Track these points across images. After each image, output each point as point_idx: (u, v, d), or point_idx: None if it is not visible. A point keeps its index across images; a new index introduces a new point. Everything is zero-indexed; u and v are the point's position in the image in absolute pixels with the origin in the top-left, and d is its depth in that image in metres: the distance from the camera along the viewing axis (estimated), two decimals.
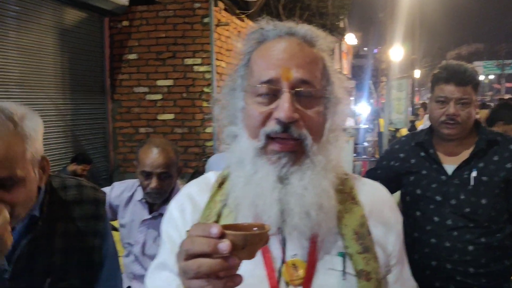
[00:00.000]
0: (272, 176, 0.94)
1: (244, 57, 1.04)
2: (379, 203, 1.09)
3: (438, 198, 2.10)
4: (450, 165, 2.12)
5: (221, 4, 7.21)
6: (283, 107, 0.92)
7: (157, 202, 2.37)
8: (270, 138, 0.95)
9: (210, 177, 1.15)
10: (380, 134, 9.71)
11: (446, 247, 2.05)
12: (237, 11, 8.24)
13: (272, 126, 0.94)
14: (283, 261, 0.98)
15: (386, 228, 1.06)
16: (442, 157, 2.15)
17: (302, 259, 0.98)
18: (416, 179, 2.19)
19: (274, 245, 0.98)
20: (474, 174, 2.04)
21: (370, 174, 2.44)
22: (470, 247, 2.02)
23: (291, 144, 0.94)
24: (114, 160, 7.38)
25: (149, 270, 1.08)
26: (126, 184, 2.54)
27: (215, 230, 0.71)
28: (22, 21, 5.49)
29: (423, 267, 2.12)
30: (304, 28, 1.01)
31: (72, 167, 5.82)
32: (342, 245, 0.99)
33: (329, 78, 1.02)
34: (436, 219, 2.09)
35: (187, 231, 0.77)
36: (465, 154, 2.10)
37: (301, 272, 0.97)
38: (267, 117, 0.95)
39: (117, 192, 2.51)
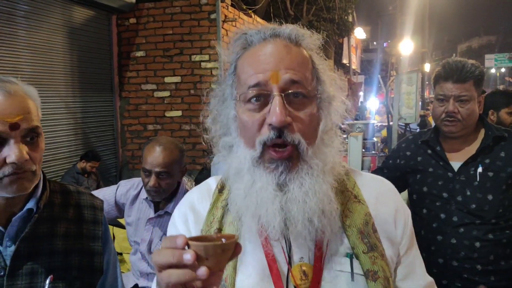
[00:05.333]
0: (271, 185, 0.93)
1: (231, 65, 1.02)
2: (383, 195, 1.08)
3: (445, 195, 2.08)
4: (456, 162, 2.10)
5: (228, 0, 7.19)
6: (275, 111, 0.89)
7: (156, 200, 2.38)
8: (266, 146, 0.93)
9: (211, 183, 1.15)
10: (388, 129, 9.66)
11: (452, 244, 2.03)
12: (244, 7, 8.21)
13: (266, 133, 0.92)
14: (290, 266, 0.97)
15: (394, 219, 1.05)
16: (448, 154, 2.14)
17: (309, 262, 0.97)
18: (422, 177, 2.18)
19: (279, 251, 0.98)
20: (480, 170, 2.03)
21: (377, 173, 2.43)
22: (477, 244, 2.00)
23: (287, 150, 0.93)
24: (122, 157, 7.42)
25: (155, 278, 1.10)
26: (132, 182, 2.55)
27: (180, 241, 0.73)
28: (32, 20, 5.53)
29: (430, 265, 2.11)
30: (288, 28, 0.98)
31: (81, 165, 5.88)
32: (349, 245, 0.98)
33: (320, 77, 1.00)
34: (442, 216, 2.07)
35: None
36: (472, 151, 2.08)
37: (309, 275, 0.96)
38: (261, 124, 0.93)
39: (123, 190, 2.52)
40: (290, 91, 0.92)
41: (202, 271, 0.72)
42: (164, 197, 2.37)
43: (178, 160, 2.32)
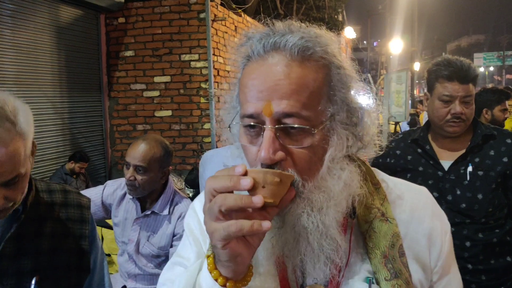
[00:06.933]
0: None
1: (239, 72, 0.92)
2: (419, 211, 0.96)
3: (435, 194, 2.07)
4: (446, 161, 2.09)
5: None
6: (263, 147, 0.81)
7: (133, 195, 2.36)
8: None
9: None
10: None
11: None
12: (234, 6, 8.19)
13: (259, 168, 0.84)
14: (302, 287, 0.91)
15: (429, 240, 0.95)
16: (438, 153, 2.13)
17: (323, 285, 0.90)
18: (412, 176, 2.16)
19: (291, 271, 0.91)
20: (470, 169, 2.02)
21: None
22: (468, 243, 1.99)
23: None
24: (111, 158, 7.36)
25: (167, 264, 1.05)
26: (119, 182, 2.52)
27: (239, 168, 0.73)
28: (17, 19, 5.45)
29: None
30: (295, 37, 0.84)
31: (69, 166, 5.82)
32: (370, 269, 0.89)
33: (336, 94, 0.87)
34: None
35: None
36: (461, 149, 2.07)
37: None
38: (256, 154, 0.85)
39: (109, 190, 2.49)
40: (283, 125, 0.82)
41: (258, 198, 0.71)
42: (142, 195, 2.35)
43: (159, 158, 2.30)
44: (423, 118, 10.56)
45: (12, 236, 1.24)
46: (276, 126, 0.81)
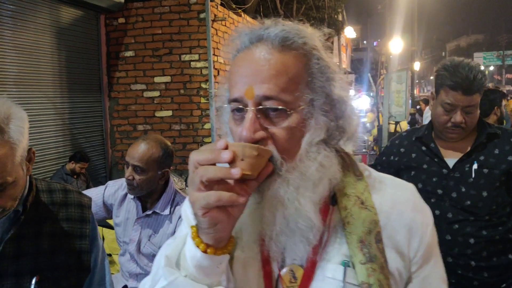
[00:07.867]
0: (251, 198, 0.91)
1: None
2: (401, 204, 1.00)
3: (439, 191, 2.08)
4: (451, 159, 2.10)
5: None
6: (244, 127, 0.88)
7: (132, 194, 2.37)
8: None
9: None
10: (379, 128, 9.69)
11: (446, 241, 2.03)
12: (234, 6, 8.20)
13: None
14: (282, 267, 0.96)
15: (409, 232, 0.98)
16: (443, 151, 2.13)
17: (301, 265, 0.95)
18: (416, 173, 2.17)
19: (273, 250, 0.94)
20: (475, 166, 2.03)
21: None
22: (471, 240, 2.00)
23: None
24: (112, 158, 7.36)
25: (163, 246, 1.06)
26: (120, 182, 2.52)
27: (220, 142, 0.80)
28: (18, 20, 5.45)
29: None
30: (277, 29, 0.92)
31: (70, 166, 5.82)
32: (347, 253, 0.94)
33: (315, 83, 0.93)
34: (436, 212, 2.06)
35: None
36: (466, 148, 2.08)
37: (298, 279, 0.94)
38: (240, 135, 0.91)
39: (111, 191, 2.50)
40: (264, 106, 0.89)
41: (236, 170, 0.78)
42: (140, 195, 2.35)
43: (157, 159, 2.30)
44: (425, 113, 10.56)
45: (12, 237, 1.25)
46: (257, 108, 0.89)
